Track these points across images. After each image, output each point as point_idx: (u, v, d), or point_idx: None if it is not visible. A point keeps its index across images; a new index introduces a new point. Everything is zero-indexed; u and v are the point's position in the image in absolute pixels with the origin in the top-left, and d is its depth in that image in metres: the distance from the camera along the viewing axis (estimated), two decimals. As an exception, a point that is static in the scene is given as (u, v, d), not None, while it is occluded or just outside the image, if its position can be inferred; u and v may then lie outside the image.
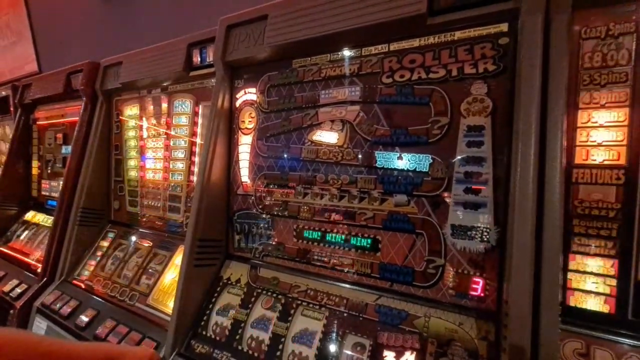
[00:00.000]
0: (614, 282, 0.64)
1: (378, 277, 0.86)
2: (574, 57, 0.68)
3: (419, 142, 0.82)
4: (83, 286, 1.39)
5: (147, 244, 1.39)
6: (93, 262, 1.47)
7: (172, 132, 1.38)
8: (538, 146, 0.63)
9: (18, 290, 1.49)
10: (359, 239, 0.89)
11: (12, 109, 2.10)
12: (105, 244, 1.52)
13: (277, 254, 1.03)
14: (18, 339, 0.50)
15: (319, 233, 0.95)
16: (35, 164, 2.05)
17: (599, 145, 0.66)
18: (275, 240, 1.03)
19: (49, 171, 1.94)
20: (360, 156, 0.90)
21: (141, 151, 1.49)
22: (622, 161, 0.64)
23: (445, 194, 0.78)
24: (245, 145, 1.10)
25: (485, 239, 0.73)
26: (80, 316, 1.22)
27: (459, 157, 0.77)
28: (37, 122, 2.01)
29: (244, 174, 1.10)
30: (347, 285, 0.90)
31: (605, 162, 0.65)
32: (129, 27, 2.03)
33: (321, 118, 0.96)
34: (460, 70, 0.77)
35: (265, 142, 1.06)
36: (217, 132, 1.07)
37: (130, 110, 1.54)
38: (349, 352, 0.80)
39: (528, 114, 0.64)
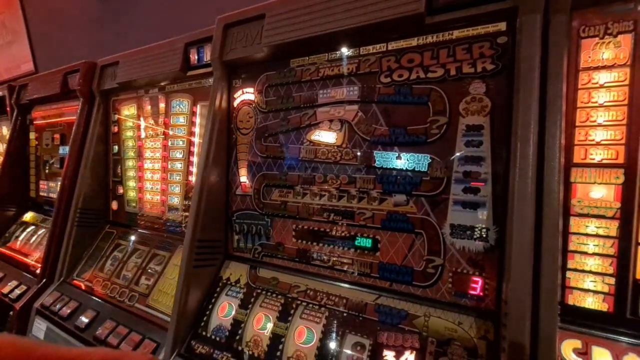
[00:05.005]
0: (612, 280, 0.65)
1: (377, 277, 0.86)
2: (573, 56, 0.68)
3: (417, 141, 0.82)
4: (82, 287, 1.39)
5: (146, 244, 1.39)
6: (92, 263, 1.47)
7: (170, 132, 1.37)
8: (537, 145, 0.63)
9: (17, 291, 1.49)
10: (358, 238, 0.89)
11: (8, 109, 2.09)
12: (104, 244, 1.52)
13: (276, 254, 1.03)
14: (14, 345, 0.50)
15: (318, 233, 0.95)
16: (32, 164, 2.04)
17: (598, 144, 0.66)
18: (275, 240, 1.03)
19: (46, 172, 1.93)
20: (359, 156, 0.89)
21: (139, 151, 1.49)
22: (621, 160, 0.64)
23: (444, 194, 0.78)
24: (243, 145, 1.10)
25: (484, 239, 0.73)
26: (80, 317, 1.22)
27: (457, 157, 0.77)
28: (34, 122, 2.00)
29: (243, 174, 1.10)
30: (347, 285, 0.91)
31: (604, 161, 0.65)
32: (126, 27, 2.02)
33: (319, 118, 0.96)
34: (458, 70, 0.77)
35: (263, 142, 1.06)
36: (215, 132, 1.07)
37: (128, 110, 1.53)
38: (349, 352, 0.81)
39: (527, 113, 0.64)
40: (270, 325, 0.92)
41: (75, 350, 0.56)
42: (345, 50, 0.92)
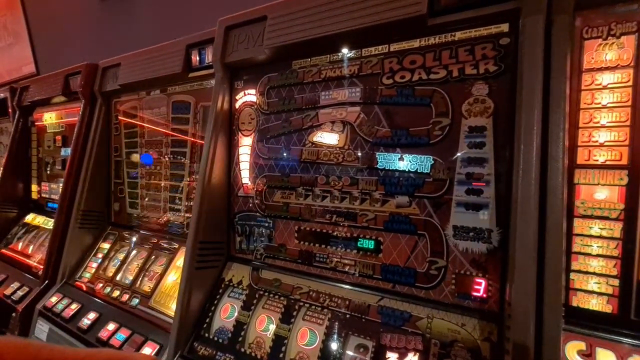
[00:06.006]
0: (616, 282, 0.64)
1: (380, 279, 0.86)
2: (576, 57, 0.67)
3: (420, 143, 0.82)
4: (85, 288, 1.39)
5: (148, 245, 1.39)
6: (94, 265, 1.47)
7: (172, 134, 1.37)
8: (540, 147, 0.63)
9: (20, 293, 1.50)
10: (360, 240, 0.89)
11: (10, 111, 2.09)
12: (106, 246, 1.52)
13: (278, 255, 1.03)
14: (18, 347, 0.50)
15: (321, 234, 0.95)
16: (34, 166, 2.05)
17: (601, 145, 0.66)
18: (277, 241, 1.03)
19: (48, 173, 1.94)
20: (361, 157, 0.89)
21: (141, 153, 1.49)
22: (625, 161, 0.64)
23: (447, 195, 0.78)
24: (245, 146, 1.10)
25: (488, 240, 0.73)
26: (83, 319, 1.22)
27: (460, 158, 0.77)
28: (36, 124, 2.00)
29: (245, 175, 1.10)
30: (349, 287, 0.90)
31: (608, 163, 0.65)
32: (127, 28, 2.02)
33: (321, 119, 0.96)
34: (461, 71, 0.77)
35: (265, 143, 1.06)
36: (217, 133, 1.07)
37: (130, 112, 1.53)
38: (352, 354, 0.81)
39: (530, 114, 0.64)
40: (272, 327, 0.92)
41: (80, 351, 0.56)
42: (347, 52, 0.92)
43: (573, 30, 0.67)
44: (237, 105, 1.12)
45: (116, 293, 1.29)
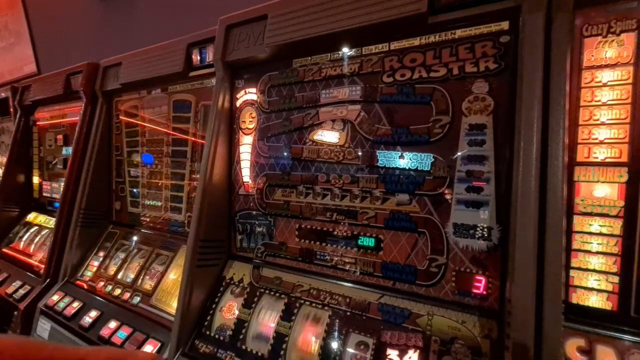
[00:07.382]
0: (616, 279, 0.65)
1: (380, 276, 0.86)
2: (576, 54, 0.68)
3: (420, 141, 0.82)
4: (86, 287, 1.40)
5: (149, 244, 1.40)
6: (96, 263, 1.47)
7: (173, 133, 1.38)
8: (540, 144, 0.63)
9: (21, 291, 1.50)
10: (361, 238, 0.89)
11: (12, 110, 2.10)
12: (107, 244, 1.52)
13: (279, 253, 1.03)
14: (20, 345, 0.51)
15: (321, 232, 0.96)
16: (36, 165, 2.05)
17: (601, 142, 0.66)
18: (278, 240, 1.04)
19: (49, 172, 1.94)
20: (361, 155, 0.90)
21: (142, 152, 1.49)
22: (624, 159, 0.64)
23: (447, 193, 0.78)
24: (246, 145, 1.10)
25: (488, 238, 0.74)
26: (84, 317, 1.23)
27: (460, 156, 0.77)
28: (38, 123, 2.01)
29: (246, 174, 1.10)
30: (350, 284, 0.91)
31: (608, 160, 0.65)
32: (128, 28, 2.03)
33: (322, 118, 0.96)
34: (461, 69, 0.77)
35: (266, 142, 1.06)
36: (218, 132, 1.07)
37: (131, 111, 1.53)
38: (353, 351, 0.81)
39: (530, 112, 0.64)
40: (273, 325, 0.92)
41: (81, 349, 0.56)
42: (347, 50, 0.92)
43: (573, 28, 0.67)
44: (238, 103, 1.12)
45: (117, 291, 1.30)
